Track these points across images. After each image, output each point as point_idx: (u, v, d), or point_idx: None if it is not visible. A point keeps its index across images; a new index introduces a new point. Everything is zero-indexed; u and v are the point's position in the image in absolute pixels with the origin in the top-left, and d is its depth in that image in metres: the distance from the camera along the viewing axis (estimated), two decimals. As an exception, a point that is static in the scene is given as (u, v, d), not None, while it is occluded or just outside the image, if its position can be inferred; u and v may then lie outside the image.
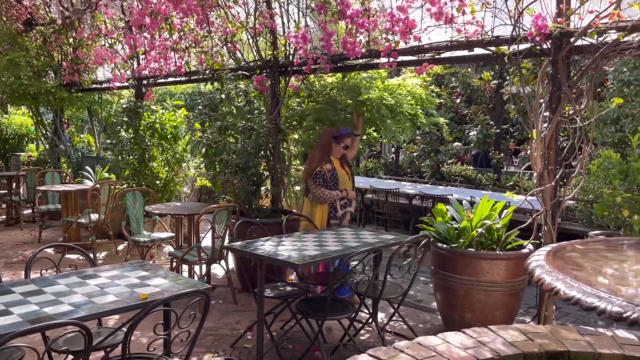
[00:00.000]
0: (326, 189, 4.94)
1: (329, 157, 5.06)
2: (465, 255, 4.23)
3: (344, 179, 5.09)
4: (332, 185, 4.98)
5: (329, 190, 4.96)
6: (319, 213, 5.02)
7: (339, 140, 5.05)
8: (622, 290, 1.49)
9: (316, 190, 4.95)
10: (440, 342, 2.60)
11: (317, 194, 4.94)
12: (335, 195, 4.98)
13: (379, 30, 4.96)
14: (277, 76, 5.98)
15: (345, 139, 5.08)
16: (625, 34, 3.54)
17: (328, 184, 4.96)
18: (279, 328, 4.41)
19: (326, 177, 4.95)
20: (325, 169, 4.97)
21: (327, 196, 4.94)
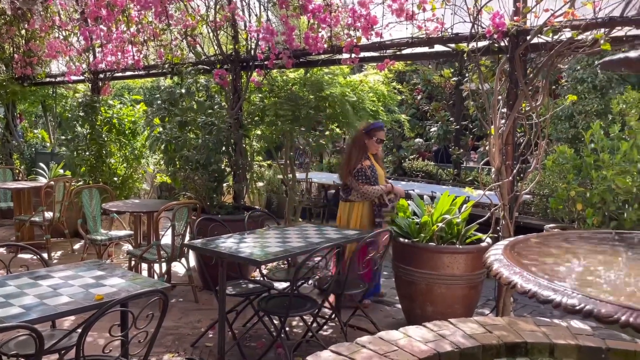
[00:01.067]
0: (369, 186, 4.86)
1: (366, 154, 4.97)
2: (426, 249, 4.29)
3: (381, 175, 5.03)
4: (374, 181, 4.90)
5: (372, 186, 4.87)
6: (356, 214, 4.93)
7: (371, 134, 4.96)
8: (577, 282, 1.52)
9: (360, 188, 4.85)
10: (401, 337, 2.62)
11: (361, 191, 4.85)
12: (380, 190, 4.87)
13: (341, 25, 4.95)
14: (239, 71, 5.90)
15: (378, 133, 4.98)
16: (579, 32, 3.64)
17: (370, 180, 4.87)
18: (241, 326, 4.36)
19: (367, 173, 4.87)
20: (365, 165, 4.89)
21: (372, 192, 4.85)
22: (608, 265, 1.70)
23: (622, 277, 1.57)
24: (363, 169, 4.87)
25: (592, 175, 5.11)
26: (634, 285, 1.50)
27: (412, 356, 2.42)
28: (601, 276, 1.58)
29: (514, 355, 2.58)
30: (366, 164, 4.90)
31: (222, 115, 5.62)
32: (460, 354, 2.50)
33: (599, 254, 1.84)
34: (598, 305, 1.25)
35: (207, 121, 5.47)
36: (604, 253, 1.86)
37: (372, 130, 4.97)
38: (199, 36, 6.22)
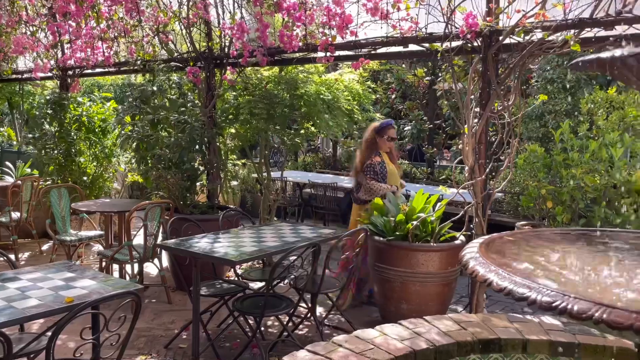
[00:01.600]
0: (376, 182, 4.85)
1: (377, 151, 4.97)
2: (401, 247, 4.31)
3: (393, 173, 5.01)
4: (382, 178, 4.89)
5: (379, 183, 4.86)
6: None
7: (381, 133, 4.95)
8: (551, 279, 1.54)
9: (367, 182, 4.86)
10: (377, 335, 2.63)
11: (368, 185, 4.85)
12: (385, 189, 4.85)
13: (316, 24, 4.94)
14: (212, 68, 5.83)
15: (388, 131, 4.97)
16: (550, 33, 3.71)
17: (378, 175, 4.87)
18: (216, 326, 4.31)
19: (376, 169, 4.87)
20: (375, 161, 4.90)
21: (378, 188, 4.84)
22: (581, 262, 1.73)
23: (594, 274, 1.60)
24: (372, 164, 4.90)
25: (562, 173, 5.21)
26: (606, 282, 1.53)
27: (388, 354, 2.43)
28: (574, 273, 1.61)
29: (487, 352, 2.61)
30: (376, 160, 4.93)
31: (195, 113, 5.55)
32: (436, 351, 2.52)
33: (572, 251, 1.88)
34: (572, 302, 1.27)
35: (179, 119, 5.39)
36: (577, 250, 1.90)
37: (382, 128, 4.98)
38: (171, 33, 6.13)
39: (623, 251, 1.85)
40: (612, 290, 1.45)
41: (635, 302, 1.36)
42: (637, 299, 1.39)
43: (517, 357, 2.63)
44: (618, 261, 1.72)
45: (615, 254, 1.81)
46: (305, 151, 12.80)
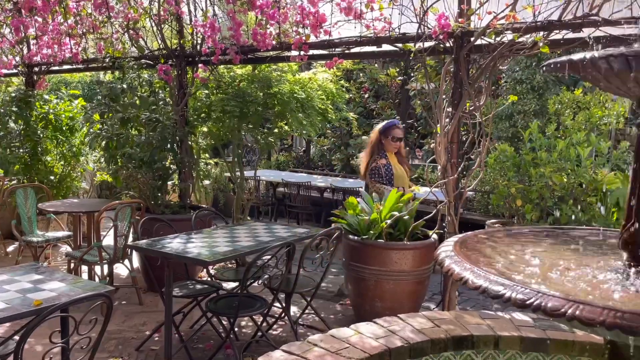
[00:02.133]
0: (381, 185, 4.79)
1: (383, 152, 4.90)
2: (375, 246, 4.33)
3: (400, 175, 4.91)
4: (387, 180, 4.83)
5: (384, 185, 4.81)
6: None
7: (386, 133, 4.87)
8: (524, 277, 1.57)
9: (373, 186, 4.81)
10: (352, 334, 2.63)
11: (374, 189, 4.79)
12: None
13: (290, 22, 4.92)
14: (184, 66, 5.76)
15: (393, 131, 4.88)
16: (520, 34, 3.78)
17: (383, 179, 4.82)
18: (189, 328, 4.26)
19: (381, 172, 4.81)
20: (380, 163, 4.83)
21: (382, 192, 4.76)
22: (553, 260, 1.77)
23: (565, 271, 1.64)
24: (377, 167, 4.85)
25: (531, 172, 5.32)
26: (577, 278, 1.57)
27: (364, 352, 2.43)
28: (547, 270, 1.64)
29: (461, 349, 2.65)
30: (381, 162, 4.87)
31: (166, 111, 5.47)
32: (410, 348, 2.54)
33: (545, 249, 1.91)
34: (545, 300, 1.29)
35: (150, 117, 5.30)
36: (550, 248, 1.94)
37: (386, 129, 4.90)
38: (141, 30, 6.02)
39: (594, 249, 1.90)
40: (585, 287, 1.49)
41: (606, 299, 1.40)
42: (608, 296, 1.43)
43: (489, 354, 2.66)
44: (590, 259, 1.76)
45: (587, 252, 1.85)
46: (278, 150, 12.76)
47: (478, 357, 2.67)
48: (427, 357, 2.60)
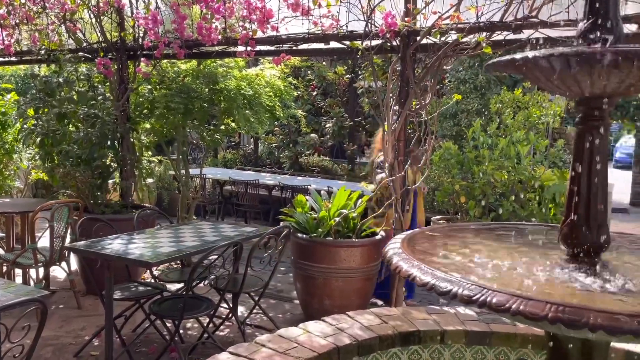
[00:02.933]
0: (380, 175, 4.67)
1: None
2: (323, 244, 4.32)
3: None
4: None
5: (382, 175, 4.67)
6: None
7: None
8: (471, 273, 1.58)
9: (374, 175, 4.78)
10: (301, 333, 2.61)
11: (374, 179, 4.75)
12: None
13: (236, 17, 4.82)
14: (125, 60, 5.55)
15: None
16: (464, 35, 3.85)
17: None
18: (131, 331, 4.11)
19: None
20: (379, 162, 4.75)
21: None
22: (498, 255, 1.80)
23: (509, 266, 1.67)
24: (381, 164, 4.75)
25: (474, 169, 5.47)
26: (521, 274, 1.60)
27: (312, 352, 2.41)
28: (491, 266, 1.66)
29: (408, 344, 2.67)
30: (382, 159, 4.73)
31: (106, 107, 5.24)
32: (358, 346, 2.54)
33: (490, 245, 1.95)
34: (490, 295, 1.31)
35: (89, 113, 5.07)
36: (494, 243, 1.97)
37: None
38: (79, 21, 5.74)
39: (538, 244, 1.95)
40: (528, 282, 1.52)
41: (548, 294, 1.43)
42: (550, 291, 1.46)
43: (435, 348, 2.71)
44: (533, 254, 1.80)
45: (531, 247, 1.90)
46: (225, 147, 12.56)
47: (424, 352, 2.71)
48: (375, 354, 2.61)
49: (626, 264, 1.67)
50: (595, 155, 1.58)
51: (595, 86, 1.48)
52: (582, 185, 1.60)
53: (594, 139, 1.58)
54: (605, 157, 1.60)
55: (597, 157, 1.58)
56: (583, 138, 1.60)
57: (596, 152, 1.58)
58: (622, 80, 1.44)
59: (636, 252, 1.84)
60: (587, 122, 1.59)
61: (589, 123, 1.58)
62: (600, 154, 1.58)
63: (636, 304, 1.36)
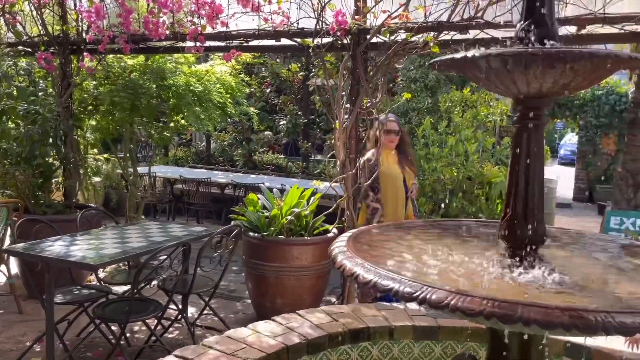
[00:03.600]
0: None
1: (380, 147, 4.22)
2: (275, 242, 4.29)
3: (391, 175, 4.23)
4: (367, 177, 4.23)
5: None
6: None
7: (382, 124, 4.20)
8: (414, 270, 1.60)
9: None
10: (250, 333, 2.58)
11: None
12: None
13: (185, 12, 4.72)
14: (68, 54, 5.34)
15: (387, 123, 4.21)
16: (412, 34, 3.90)
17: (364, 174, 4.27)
18: (75, 336, 3.96)
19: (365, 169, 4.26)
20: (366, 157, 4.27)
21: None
22: (441, 252, 1.82)
23: (452, 263, 1.69)
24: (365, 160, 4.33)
25: (424, 167, 5.57)
26: (462, 270, 1.62)
27: (261, 352, 2.39)
28: (434, 262, 1.68)
29: (357, 341, 2.69)
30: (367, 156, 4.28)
31: (48, 103, 5.03)
32: (308, 344, 2.53)
33: (434, 242, 1.97)
34: (430, 292, 1.32)
35: (29, 109, 4.85)
36: (439, 240, 2.00)
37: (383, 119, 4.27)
38: (19, 14, 5.48)
39: (480, 240, 1.98)
40: (468, 278, 1.54)
41: (486, 289, 1.46)
42: (488, 286, 1.49)
43: (384, 344, 2.73)
44: (475, 250, 1.83)
45: (473, 243, 1.93)
46: (176, 145, 12.30)
47: (374, 348, 2.73)
48: (325, 351, 2.61)
49: (562, 259, 1.73)
50: (532, 153, 1.62)
51: (531, 86, 1.51)
52: (520, 182, 1.64)
53: (530, 138, 1.62)
54: (542, 155, 1.64)
55: (533, 155, 1.62)
56: (520, 137, 1.64)
57: (533, 150, 1.62)
58: (556, 80, 1.48)
59: (572, 247, 1.90)
60: (524, 121, 1.63)
61: (526, 122, 1.62)
62: (537, 152, 1.62)
63: (569, 297, 1.40)
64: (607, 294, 1.42)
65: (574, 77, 1.47)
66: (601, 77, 1.56)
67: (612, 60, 1.41)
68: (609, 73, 1.56)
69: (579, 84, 1.51)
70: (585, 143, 13.25)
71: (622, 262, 1.74)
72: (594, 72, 1.48)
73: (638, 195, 7.46)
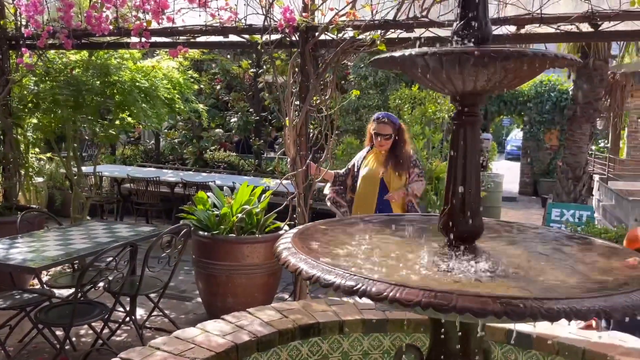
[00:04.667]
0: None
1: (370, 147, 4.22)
2: (226, 241, 4.26)
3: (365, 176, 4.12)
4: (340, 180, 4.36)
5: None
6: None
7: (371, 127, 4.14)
8: (358, 264, 1.62)
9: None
10: (199, 333, 2.55)
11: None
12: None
13: (129, 7, 4.60)
14: (6, 50, 5.14)
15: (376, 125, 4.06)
16: (360, 32, 3.95)
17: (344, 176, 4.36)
18: (18, 342, 3.81)
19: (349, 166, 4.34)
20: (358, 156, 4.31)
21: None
22: (384, 246, 1.86)
23: (394, 256, 1.73)
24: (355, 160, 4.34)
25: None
26: (402, 263, 1.67)
27: (210, 351, 2.38)
28: (376, 256, 1.72)
29: (308, 337, 2.71)
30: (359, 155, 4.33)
31: (-15, 100, 4.80)
32: (258, 342, 2.54)
33: (378, 236, 2.01)
34: (370, 285, 1.35)
35: (-36, 107, 4.62)
36: (382, 235, 2.04)
37: (374, 120, 4.14)
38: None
39: (422, 233, 2.04)
40: (408, 271, 1.58)
41: (424, 281, 1.50)
42: (426, 278, 1.54)
43: (334, 339, 2.76)
44: (416, 243, 1.88)
45: (415, 237, 1.98)
46: (124, 144, 11.97)
47: (324, 343, 2.75)
48: (275, 348, 2.62)
49: (497, 250, 1.80)
50: (468, 148, 1.68)
51: (465, 84, 1.57)
52: (457, 177, 1.69)
53: (466, 133, 1.67)
54: (478, 150, 1.70)
55: (470, 150, 1.68)
56: (457, 132, 1.69)
57: (469, 145, 1.68)
58: (489, 78, 1.54)
59: (508, 239, 1.99)
60: (461, 117, 1.68)
61: (462, 118, 1.68)
62: (473, 147, 1.68)
63: (503, 286, 1.46)
64: (538, 283, 1.49)
65: (505, 75, 1.54)
66: (531, 75, 1.63)
67: (539, 60, 1.48)
68: (539, 71, 1.64)
69: (510, 81, 1.58)
70: (529, 138, 13.77)
71: (553, 252, 1.83)
72: (524, 70, 1.54)
73: (577, 188, 7.85)
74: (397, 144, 4.05)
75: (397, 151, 4.03)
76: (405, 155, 4.04)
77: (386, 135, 4.01)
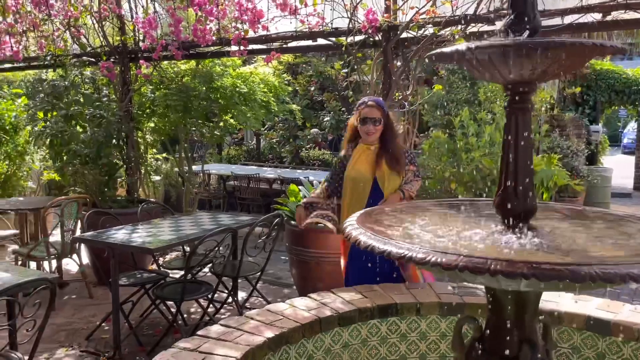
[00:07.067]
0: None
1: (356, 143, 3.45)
2: (314, 230, 4.56)
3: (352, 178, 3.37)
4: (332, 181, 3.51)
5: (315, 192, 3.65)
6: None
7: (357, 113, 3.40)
8: (427, 239, 1.82)
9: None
10: (287, 307, 2.87)
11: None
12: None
13: (229, 18, 5.09)
14: (127, 62, 5.84)
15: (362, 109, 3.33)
16: (440, 28, 4.08)
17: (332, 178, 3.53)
18: (139, 316, 4.40)
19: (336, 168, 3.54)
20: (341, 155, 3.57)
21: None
22: (447, 225, 2.03)
23: (459, 233, 1.90)
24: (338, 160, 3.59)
25: (462, 157, 5.68)
26: (467, 239, 1.83)
27: (296, 322, 2.67)
28: (446, 234, 1.90)
29: (386, 316, 2.91)
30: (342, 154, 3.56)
31: (111, 108, 5.54)
32: (339, 317, 2.79)
33: (442, 218, 2.18)
34: (440, 256, 1.52)
35: (95, 114, 5.37)
36: (446, 216, 2.21)
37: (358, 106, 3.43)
38: (83, 27, 6.04)
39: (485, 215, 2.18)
40: (471, 244, 1.76)
41: (486, 252, 1.68)
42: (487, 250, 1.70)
43: (412, 319, 2.94)
44: (477, 223, 2.03)
45: (479, 217, 2.13)
46: (230, 144, 12.84)
47: (402, 322, 2.94)
48: (355, 324, 2.86)
49: (551, 228, 1.91)
50: (521, 133, 1.82)
51: (514, 73, 1.71)
52: (511, 160, 1.83)
53: (517, 120, 1.81)
54: (529, 134, 1.82)
55: (522, 135, 1.81)
56: (509, 120, 1.83)
57: (521, 131, 1.82)
58: (534, 67, 1.67)
59: (561, 220, 2.07)
60: (512, 105, 1.82)
61: (514, 106, 1.82)
62: (525, 132, 1.81)
63: (544, 256, 1.60)
64: (580, 254, 1.60)
65: (551, 64, 1.66)
66: (577, 63, 1.74)
67: (579, 49, 1.59)
68: (586, 60, 1.73)
69: (556, 70, 1.70)
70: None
71: (609, 231, 1.90)
72: (569, 59, 1.66)
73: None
74: (386, 136, 3.35)
75: (388, 145, 3.33)
76: (399, 149, 3.37)
77: (375, 119, 3.29)
